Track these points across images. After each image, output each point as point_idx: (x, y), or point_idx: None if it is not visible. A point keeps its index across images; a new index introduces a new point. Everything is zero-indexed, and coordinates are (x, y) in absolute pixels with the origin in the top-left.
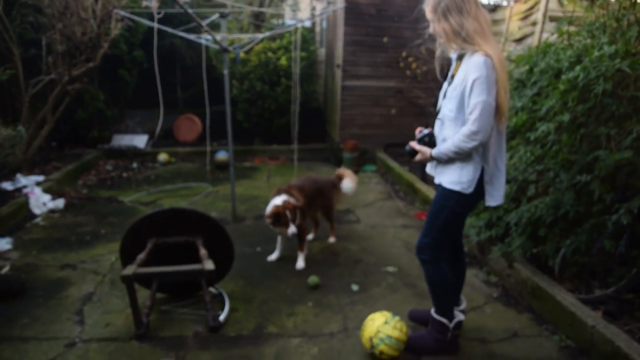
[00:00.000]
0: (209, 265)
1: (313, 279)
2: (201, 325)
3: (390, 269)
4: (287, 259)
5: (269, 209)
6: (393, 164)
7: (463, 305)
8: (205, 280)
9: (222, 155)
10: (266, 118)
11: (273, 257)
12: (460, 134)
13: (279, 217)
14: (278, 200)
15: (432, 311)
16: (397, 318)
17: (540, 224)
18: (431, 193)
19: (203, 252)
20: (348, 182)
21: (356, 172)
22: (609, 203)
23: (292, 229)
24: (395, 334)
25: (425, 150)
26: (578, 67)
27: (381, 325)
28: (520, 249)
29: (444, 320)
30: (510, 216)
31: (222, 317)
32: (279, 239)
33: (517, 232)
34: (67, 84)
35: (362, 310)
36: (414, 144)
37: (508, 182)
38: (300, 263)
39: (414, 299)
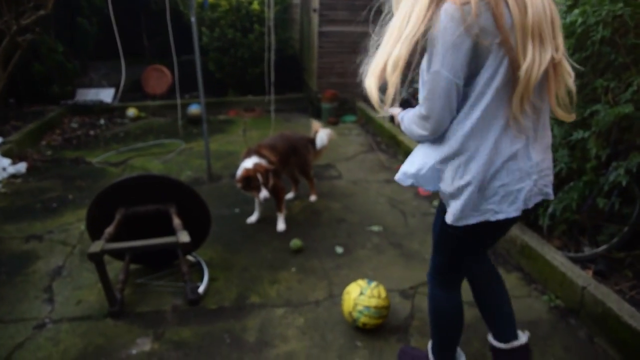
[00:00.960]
0: (184, 237)
1: (295, 242)
2: (180, 298)
3: (375, 228)
4: (268, 220)
5: (239, 172)
6: (374, 114)
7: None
8: (182, 251)
9: (194, 109)
10: (239, 67)
11: (252, 219)
12: (413, 112)
13: (250, 181)
14: (248, 163)
15: (429, 345)
16: (372, 285)
17: None
18: (413, 145)
19: (177, 221)
20: (322, 134)
21: (336, 123)
22: (604, 160)
23: (263, 194)
24: (373, 302)
25: (397, 112)
26: (576, 11)
27: (357, 297)
28: None
29: None
30: None
31: (201, 289)
32: (257, 199)
33: None
34: (16, 34)
35: (348, 275)
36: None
37: None
38: (281, 225)
39: (401, 260)
